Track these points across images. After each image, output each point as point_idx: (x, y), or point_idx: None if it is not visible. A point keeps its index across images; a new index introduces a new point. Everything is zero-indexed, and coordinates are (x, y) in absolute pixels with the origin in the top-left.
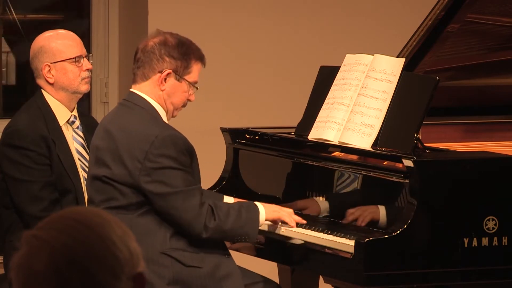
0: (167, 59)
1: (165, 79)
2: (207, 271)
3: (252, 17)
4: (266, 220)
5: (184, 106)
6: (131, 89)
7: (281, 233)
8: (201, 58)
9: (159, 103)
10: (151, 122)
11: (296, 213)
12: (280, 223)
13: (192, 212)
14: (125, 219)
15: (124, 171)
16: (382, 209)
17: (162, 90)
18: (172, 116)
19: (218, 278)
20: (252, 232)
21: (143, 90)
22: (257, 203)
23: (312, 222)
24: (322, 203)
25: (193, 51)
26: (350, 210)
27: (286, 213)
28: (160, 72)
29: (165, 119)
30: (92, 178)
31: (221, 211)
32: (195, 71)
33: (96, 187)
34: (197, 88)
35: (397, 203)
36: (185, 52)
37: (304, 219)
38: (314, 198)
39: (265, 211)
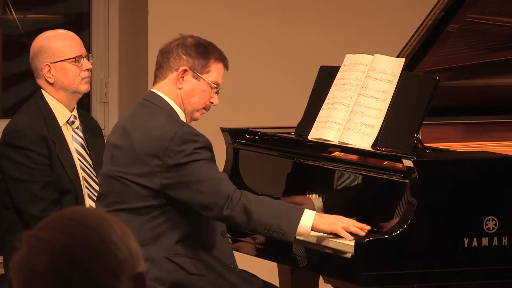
0: (184, 57)
1: (182, 77)
2: (209, 280)
3: (252, 17)
4: (314, 228)
5: (206, 109)
6: (151, 89)
7: None
8: (222, 59)
9: (177, 103)
10: (168, 120)
11: None
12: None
13: (219, 196)
14: (135, 222)
15: (142, 170)
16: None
17: (180, 88)
18: (193, 119)
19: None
20: (289, 228)
21: (162, 90)
22: (309, 210)
23: None
24: (316, 201)
25: (212, 51)
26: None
27: (344, 224)
28: (177, 70)
29: (183, 119)
30: (106, 176)
31: (255, 197)
32: (214, 71)
33: (111, 186)
34: (217, 89)
35: (397, 203)
36: (203, 51)
37: None
38: (309, 195)
39: (315, 218)
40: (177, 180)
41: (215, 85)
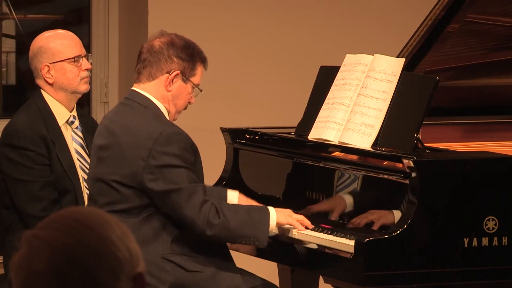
0: (175, 59)
1: (172, 80)
2: (208, 275)
3: (252, 17)
4: (277, 224)
5: (185, 108)
6: (133, 88)
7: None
8: (204, 61)
9: (163, 104)
10: (154, 119)
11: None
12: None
13: (194, 209)
14: (128, 223)
15: (127, 171)
16: (397, 214)
17: (169, 91)
18: (173, 119)
19: (219, 282)
20: (262, 235)
21: (147, 90)
22: (269, 207)
23: (313, 222)
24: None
25: (198, 53)
26: (363, 215)
27: (298, 218)
28: (168, 72)
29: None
30: (95, 179)
31: (227, 209)
32: (199, 73)
33: (99, 189)
34: (201, 90)
35: (397, 203)
36: (191, 54)
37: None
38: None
39: (277, 216)
40: (158, 185)
41: (198, 87)
